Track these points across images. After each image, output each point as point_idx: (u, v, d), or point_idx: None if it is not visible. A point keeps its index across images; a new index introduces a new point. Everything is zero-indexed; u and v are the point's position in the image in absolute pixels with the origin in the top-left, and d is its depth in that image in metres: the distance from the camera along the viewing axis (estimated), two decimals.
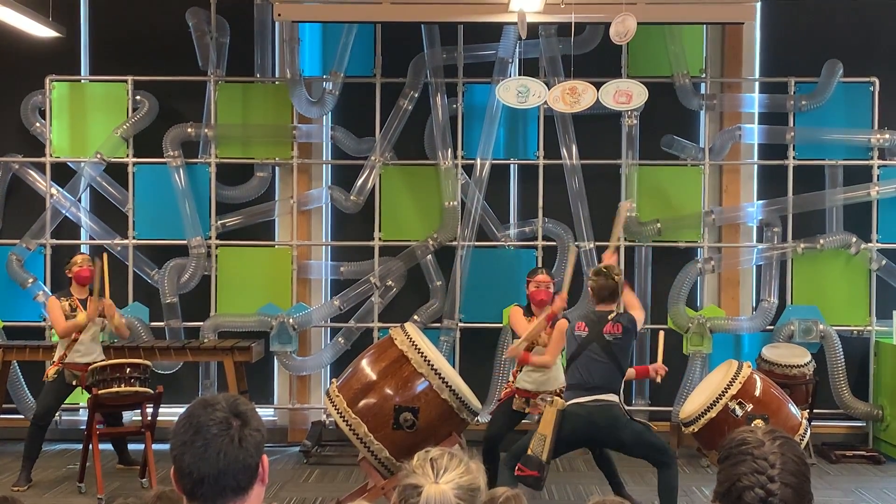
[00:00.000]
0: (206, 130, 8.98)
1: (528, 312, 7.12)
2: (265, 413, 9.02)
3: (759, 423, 5.59)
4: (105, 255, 7.91)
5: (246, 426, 2.20)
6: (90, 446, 7.23)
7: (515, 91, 7.37)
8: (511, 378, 7.09)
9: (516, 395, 6.95)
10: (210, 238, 9.01)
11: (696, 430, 6.36)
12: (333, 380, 6.44)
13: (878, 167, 8.94)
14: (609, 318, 6.21)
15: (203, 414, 2.19)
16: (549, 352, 6.77)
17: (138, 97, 9.02)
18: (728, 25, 8.79)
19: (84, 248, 8.99)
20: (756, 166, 9.10)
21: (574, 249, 8.02)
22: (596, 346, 6.16)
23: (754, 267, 9.06)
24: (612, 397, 6.14)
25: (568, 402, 6.08)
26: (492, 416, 7.22)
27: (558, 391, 6.86)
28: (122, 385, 7.22)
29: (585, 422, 6.07)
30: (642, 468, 7.34)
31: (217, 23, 8.93)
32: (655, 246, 8.99)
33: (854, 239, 8.84)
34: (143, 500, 2.20)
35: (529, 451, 6.02)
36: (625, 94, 7.56)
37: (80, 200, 9.09)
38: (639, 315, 6.49)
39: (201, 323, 8.93)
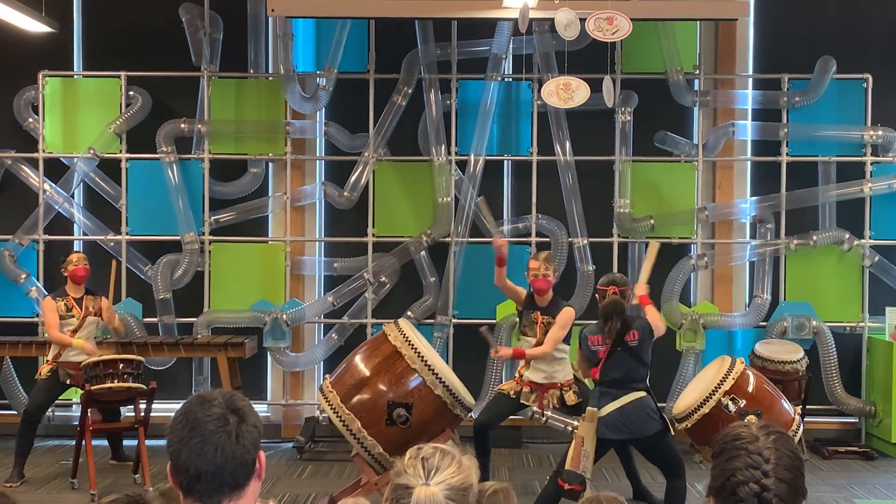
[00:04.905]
0: (199, 126, 8.97)
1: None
2: (258, 409, 8.99)
3: (752, 418, 5.60)
4: (114, 263, 7.94)
5: (243, 422, 2.20)
6: (83, 442, 7.23)
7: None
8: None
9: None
10: (203, 234, 9.00)
11: (689, 426, 6.37)
12: (327, 376, 6.43)
13: (871, 163, 8.95)
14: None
15: (200, 410, 2.18)
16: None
17: (131, 93, 9.00)
18: (721, 22, 8.80)
19: (77, 244, 8.97)
20: (749, 163, 9.11)
21: (655, 244, 7.31)
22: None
23: (747, 263, 9.07)
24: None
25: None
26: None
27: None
28: (115, 381, 7.22)
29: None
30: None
31: (210, 18, 8.91)
32: (649, 242, 8.96)
33: (847, 235, 8.85)
34: (145, 498, 2.21)
35: (568, 467, 6.06)
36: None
37: (73, 196, 9.06)
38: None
39: (194, 319, 8.92)
